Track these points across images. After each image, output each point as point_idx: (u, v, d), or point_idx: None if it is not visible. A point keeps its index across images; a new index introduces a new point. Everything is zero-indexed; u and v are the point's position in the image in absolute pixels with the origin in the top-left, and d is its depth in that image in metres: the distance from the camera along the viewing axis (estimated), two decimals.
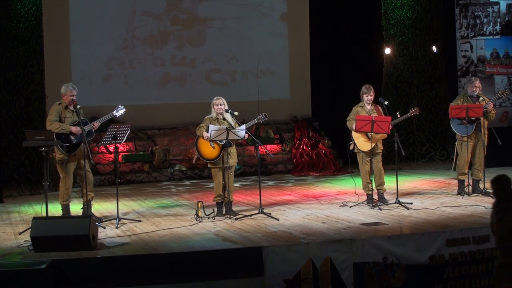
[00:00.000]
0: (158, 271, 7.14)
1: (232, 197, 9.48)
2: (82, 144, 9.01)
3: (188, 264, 7.24)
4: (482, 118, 10.14)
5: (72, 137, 9.07)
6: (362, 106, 9.96)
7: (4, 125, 12.78)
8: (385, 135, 9.77)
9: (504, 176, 6.18)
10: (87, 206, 9.22)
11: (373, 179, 9.97)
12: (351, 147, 9.94)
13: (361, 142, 9.83)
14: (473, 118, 10.14)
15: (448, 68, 15.35)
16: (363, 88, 9.95)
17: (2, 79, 12.98)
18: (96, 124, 9.24)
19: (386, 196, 10.14)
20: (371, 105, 9.92)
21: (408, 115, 10.12)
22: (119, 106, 9.48)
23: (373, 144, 9.76)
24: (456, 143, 10.50)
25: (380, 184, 10.01)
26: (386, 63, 15.38)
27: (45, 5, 13.52)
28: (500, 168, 13.32)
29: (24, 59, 13.12)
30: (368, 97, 9.88)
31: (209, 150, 9.24)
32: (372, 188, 9.91)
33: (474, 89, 10.32)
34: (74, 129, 9.04)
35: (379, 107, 9.98)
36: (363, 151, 9.86)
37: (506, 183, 6.14)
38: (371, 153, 9.85)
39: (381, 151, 9.99)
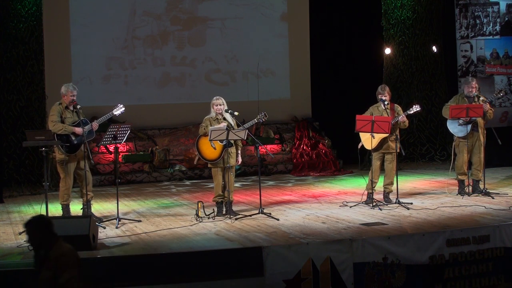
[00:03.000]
0: (158, 271, 7.14)
1: (232, 197, 9.48)
2: (82, 145, 9.03)
3: (188, 264, 7.24)
4: (480, 118, 10.17)
5: (73, 138, 9.07)
6: (377, 106, 10.03)
7: (4, 125, 12.78)
8: (385, 135, 9.76)
9: (40, 217, 5.32)
10: (87, 206, 9.23)
11: (382, 178, 10.08)
12: (359, 145, 10.09)
13: (367, 140, 9.91)
14: (467, 119, 10.15)
15: (448, 68, 15.35)
16: (378, 88, 10.06)
17: (2, 79, 12.97)
18: (95, 125, 9.23)
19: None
20: (387, 105, 9.94)
21: (408, 112, 10.07)
22: (119, 104, 9.46)
23: (374, 144, 9.81)
24: (454, 143, 10.51)
25: (388, 183, 10.06)
26: (386, 63, 15.38)
27: (45, 5, 13.52)
28: (500, 168, 13.38)
29: (24, 59, 13.11)
30: (382, 97, 9.95)
31: (209, 151, 9.23)
32: (373, 188, 9.96)
33: (471, 89, 10.34)
34: (78, 130, 9.03)
35: (395, 107, 10.01)
36: (369, 150, 9.99)
37: (42, 225, 5.20)
38: (382, 152, 9.93)
39: (393, 151, 9.94)
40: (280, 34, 16.05)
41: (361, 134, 10.01)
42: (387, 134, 9.74)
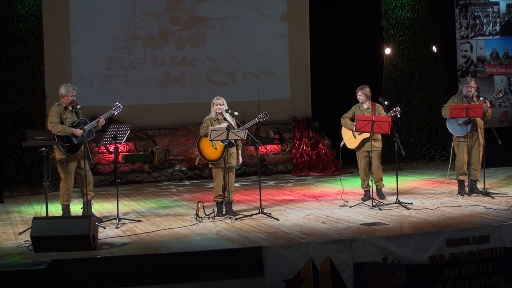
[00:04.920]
0: (158, 271, 7.14)
1: (232, 197, 9.48)
2: (82, 145, 9.04)
3: (188, 264, 7.24)
4: (478, 118, 10.18)
5: (73, 138, 9.06)
6: (359, 106, 10.26)
7: (4, 125, 12.78)
8: (368, 134, 9.87)
9: None
10: (87, 206, 9.22)
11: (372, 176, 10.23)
12: (341, 144, 10.28)
13: (349, 140, 10.09)
14: (467, 119, 10.15)
15: (448, 68, 15.35)
16: (357, 88, 10.29)
17: (2, 79, 12.97)
18: (101, 120, 9.21)
19: (386, 196, 10.29)
20: (367, 105, 10.10)
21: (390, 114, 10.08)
22: (117, 103, 9.43)
23: (356, 143, 10.06)
24: (453, 143, 10.52)
25: (378, 180, 10.27)
26: (386, 63, 15.38)
27: (45, 5, 13.52)
28: (500, 168, 13.37)
29: (24, 59, 13.11)
30: (357, 97, 10.24)
31: (211, 151, 9.23)
32: (369, 185, 10.14)
33: (470, 89, 10.36)
34: (78, 132, 9.01)
35: (376, 107, 10.11)
36: (353, 149, 10.24)
37: None
38: (366, 151, 10.10)
39: (377, 149, 10.15)
40: (280, 34, 16.06)
41: (344, 133, 10.24)
42: (370, 135, 9.88)
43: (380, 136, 10.15)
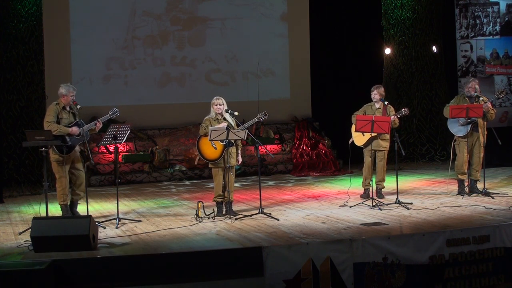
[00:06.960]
0: (158, 271, 7.14)
1: (232, 197, 9.48)
2: (77, 145, 9.06)
3: (188, 264, 7.24)
4: (480, 119, 10.16)
5: (67, 139, 9.04)
6: (371, 105, 10.29)
7: (4, 125, 12.78)
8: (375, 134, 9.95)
9: None
10: (72, 205, 9.26)
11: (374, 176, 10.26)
12: (350, 141, 10.31)
13: (357, 137, 10.20)
14: (468, 119, 10.15)
15: (448, 68, 15.36)
16: (372, 87, 10.32)
17: (2, 79, 12.97)
18: (99, 124, 9.22)
19: (386, 196, 10.31)
20: (379, 104, 10.13)
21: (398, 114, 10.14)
22: (114, 108, 9.44)
23: (364, 140, 10.09)
24: (454, 143, 10.53)
25: (379, 180, 10.36)
26: (386, 63, 15.38)
27: (45, 5, 13.53)
28: (500, 168, 13.37)
29: (24, 59, 13.11)
30: (372, 95, 10.25)
31: (210, 151, 9.23)
32: (369, 184, 10.17)
33: (468, 89, 10.40)
34: (74, 130, 9.01)
35: (387, 108, 10.20)
36: (360, 146, 10.30)
37: None
38: (373, 149, 10.15)
39: (384, 149, 10.22)
40: (280, 34, 16.06)
41: (353, 130, 10.21)
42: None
43: (388, 136, 10.16)
